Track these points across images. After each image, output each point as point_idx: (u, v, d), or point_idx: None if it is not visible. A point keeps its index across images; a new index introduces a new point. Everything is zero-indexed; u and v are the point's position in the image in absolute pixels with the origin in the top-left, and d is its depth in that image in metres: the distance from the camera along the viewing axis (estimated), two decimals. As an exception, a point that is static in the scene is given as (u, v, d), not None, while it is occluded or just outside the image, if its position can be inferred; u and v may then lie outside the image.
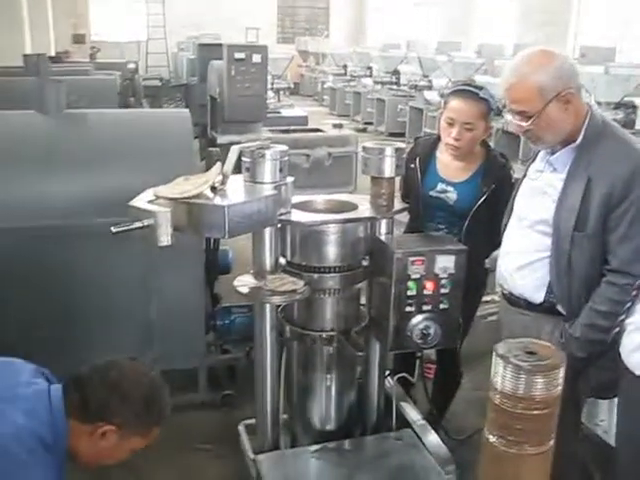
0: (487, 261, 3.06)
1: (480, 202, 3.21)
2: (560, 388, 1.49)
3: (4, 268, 3.45)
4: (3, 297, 3.48)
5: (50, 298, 3.54)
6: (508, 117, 2.59)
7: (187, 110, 3.95)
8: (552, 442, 1.52)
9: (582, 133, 2.52)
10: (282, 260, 2.80)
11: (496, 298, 3.72)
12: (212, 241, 4.06)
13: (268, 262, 2.67)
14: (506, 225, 2.85)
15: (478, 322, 4.19)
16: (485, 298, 4.56)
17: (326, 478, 2.77)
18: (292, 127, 8.24)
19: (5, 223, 3.37)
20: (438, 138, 3.37)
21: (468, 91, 3.22)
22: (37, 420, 1.77)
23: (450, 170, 3.32)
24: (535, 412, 1.44)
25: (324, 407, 3.02)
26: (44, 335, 3.56)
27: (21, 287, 3.51)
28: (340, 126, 8.07)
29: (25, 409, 1.77)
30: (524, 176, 2.80)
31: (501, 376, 1.46)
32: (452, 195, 3.29)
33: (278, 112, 9.80)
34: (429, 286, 2.64)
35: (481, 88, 3.27)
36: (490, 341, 3.18)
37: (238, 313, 3.99)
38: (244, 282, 2.66)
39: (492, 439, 1.51)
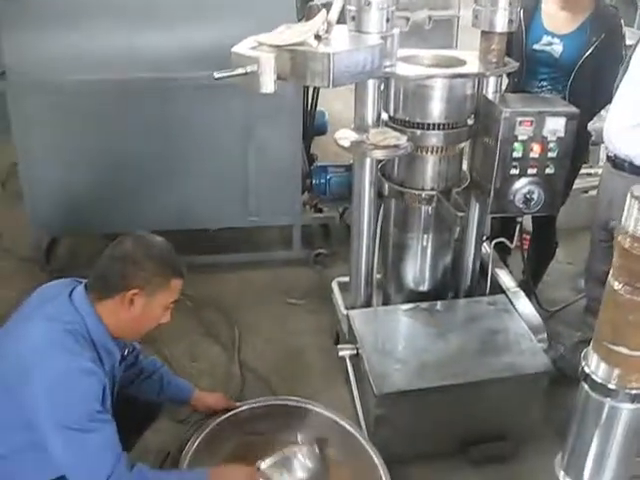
0: (589, 125, 2.91)
1: (588, 54, 3.02)
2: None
3: (104, 119, 3.53)
4: (105, 149, 3.57)
5: (151, 149, 3.61)
6: None
7: (286, -39, 3.78)
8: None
9: None
10: (384, 116, 2.73)
11: (599, 171, 3.57)
12: (310, 100, 4.00)
13: (370, 116, 2.61)
14: (618, 86, 2.69)
15: (578, 195, 4.06)
16: (589, 171, 4.41)
17: (417, 336, 2.80)
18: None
19: (104, 74, 3.41)
20: None
21: None
22: (60, 319, 1.92)
23: (556, 21, 3.12)
24: (668, 259, 1.37)
25: (418, 268, 3.03)
26: (143, 186, 3.67)
27: (121, 138, 3.58)
28: (442, -12, 7.64)
29: (46, 314, 1.94)
30: None
31: (635, 218, 1.36)
32: (558, 47, 3.10)
33: (376, -27, 9.36)
34: (536, 149, 2.55)
35: None
36: (589, 217, 3.11)
37: (334, 173, 3.96)
38: (345, 136, 2.61)
39: (617, 286, 1.44)
